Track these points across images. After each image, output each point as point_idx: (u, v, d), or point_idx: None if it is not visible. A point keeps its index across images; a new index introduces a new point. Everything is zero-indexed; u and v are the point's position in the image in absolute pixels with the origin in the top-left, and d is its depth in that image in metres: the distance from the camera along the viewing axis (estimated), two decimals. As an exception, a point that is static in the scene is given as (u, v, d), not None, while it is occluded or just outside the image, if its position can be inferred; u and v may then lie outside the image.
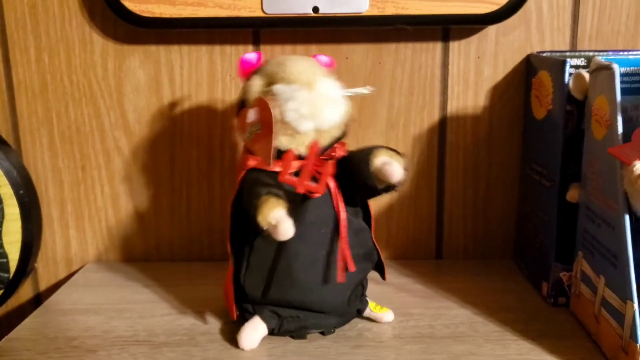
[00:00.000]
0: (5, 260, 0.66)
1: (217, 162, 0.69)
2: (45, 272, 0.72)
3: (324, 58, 0.55)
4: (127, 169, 0.69)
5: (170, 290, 0.62)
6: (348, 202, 0.51)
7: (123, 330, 0.54)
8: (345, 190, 0.51)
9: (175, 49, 0.66)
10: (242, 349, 0.50)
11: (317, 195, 0.49)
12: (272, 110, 0.47)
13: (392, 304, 0.58)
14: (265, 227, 0.46)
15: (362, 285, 0.54)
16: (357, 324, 0.54)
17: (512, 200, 0.69)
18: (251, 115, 0.49)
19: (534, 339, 0.51)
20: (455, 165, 0.68)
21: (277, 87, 0.49)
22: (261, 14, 0.61)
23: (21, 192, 0.65)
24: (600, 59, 0.50)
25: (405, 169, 0.48)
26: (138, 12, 0.61)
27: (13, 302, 0.72)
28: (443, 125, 0.68)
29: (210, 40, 0.66)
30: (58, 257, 0.71)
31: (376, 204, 0.69)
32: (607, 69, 0.48)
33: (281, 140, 0.49)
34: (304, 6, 0.61)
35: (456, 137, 0.68)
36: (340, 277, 0.49)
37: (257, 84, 0.50)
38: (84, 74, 0.67)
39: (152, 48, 0.66)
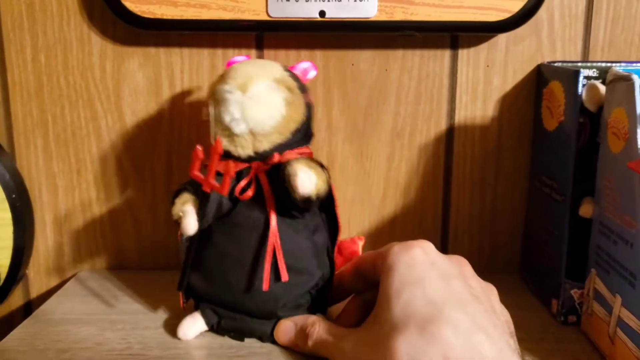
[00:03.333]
0: (-5, 266, 0.64)
1: (216, 168, 0.67)
2: (37, 279, 0.69)
3: (303, 64, 0.54)
4: (123, 174, 0.67)
5: (165, 300, 0.59)
6: (294, 215, 0.50)
7: (116, 343, 0.51)
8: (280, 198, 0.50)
9: (175, 52, 0.64)
10: (178, 338, 0.52)
11: (246, 196, 0.49)
12: (210, 109, 0.49)
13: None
14: (176, 220, 0.49)
15: (309, 296, 0.52)
16: (360, 340, 0.52)
17: (520, 214, 0.67)
18: (202, 113, 0.53)
19: (545, 358, 0.49)
20: (462, 176, 0.67)
21: (216, 88, 0.50)
22: (266, 17, 0.59)
23: (13, 196, 0.63)
24: (619, 69, 0.49)
25: (325, 182, 0.48)
26: (139, 13, 0.59)
27: (2, 310, 0.69)
28: (450, 135, 0.66)
29: (212, 44, 0.64)
30: (50, 264, 0.69)
31: (379, 215, 0.67)
32: (626, 80, 0.46)
33: (223, 141, 0.50)
34: (310, 10, 0.59)
35: (463, 148, 0.66)
36: (264, 284, 0.48)
37: (212, 84, 0.52)
38: (82, 75, 0.65)
39: (152, 50, 0.64)
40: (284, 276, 0.49)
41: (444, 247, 0.68)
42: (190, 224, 0.48)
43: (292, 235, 0.50)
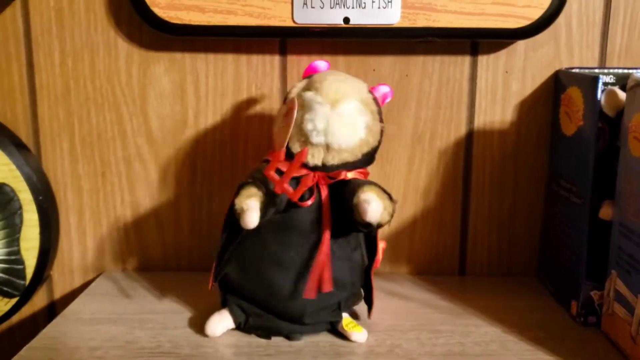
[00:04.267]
0: (22, 266, 0.65)
1: (239, 173, 0.68)
2: (61, 280, 0.70)
3: (383, 88, 0.56)
4: (147, 177, 0.68)
5: (192, 300, 0.61)
6: (343, 231, 0.52)
7: (146, 342, 0.52)
8: (341, 216, 0.51)
9: (201, 57, 0.66)
10: (206, 335, 0.53)
11: (303, 204, 0.50)
12: (294, 113, 0.50)
13: (418, 321, 0.57)
14: (236, 211, 0.48)
15: (337, 306, 0.54)
16: (385, 340, 0.53)
17: (538, 217, 0.68)
18: (281, 111, 0.53)
19: (566, 359, 0.50)
20: (481, 180, 0.68)
21: (306, 94, 0.51)
22: (291, 24, 0.60)
23: (40, 198, 0.64)
24: (639, 75, 0.50)
25: (389, 214, 0.49)
26: (167, 19, 0.61)
27: (27, 310, 0.70)
28: (469, 139, 0.67)
29: (236, 50, 0.65)
30: (74, 265, 0.70)
31: (399, 218, 0.68)
32: (648, 85, 0.47)
33: (294, 144, 0.51)
34: (335, 17, 0.60)
35: (482, 152, 0.67)
36: (308, 291, 0.50)
37: (298, 86, 0.53)
38: (108, 79, 0.66)
39: (178, 55, 0.66)
40: (328, 287, 0.50)
41: (462, 250, 0.69)
42: (253, 219, 0.48)
43: (337, 249, 0.51)
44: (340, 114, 0.50)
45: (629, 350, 0.50)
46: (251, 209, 0.48)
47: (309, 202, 0.50)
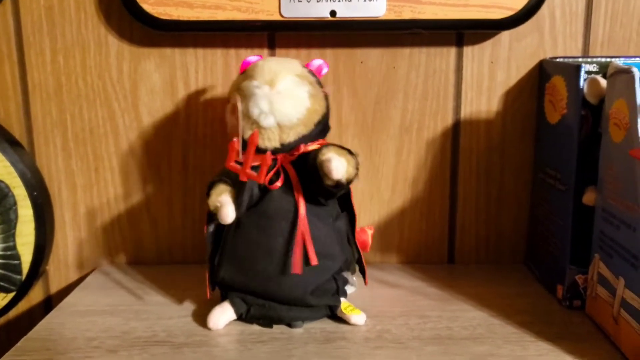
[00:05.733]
0: (18, 262, 0.66)
1: (231, 165, 0.69)
2: (57, 274, 0.71)
3: (316, 62, 0.57)
4: (140, 172, 0.69)
5: (186, 292, 0.62)
6: (319, 203, 0.53)
7: (142, 331, 0.53)
8: (313, 189, 0.53)
9: (190, 52, 0.66)
10: (209, 329, 0.54)
11: (273, 186, 0.52)
12: (238, 105, 0.51)
13: (407, 307, 0.58)
14: (212, 210, 0.51)
15: (335, 282, 0.55)
16: (375, 325, 0.54)
17: (524, 205, 0.69)
18: (227, 110, 0.54)
19: (552, 341, 0.51)
20: (468, 169, 0.69)
21: (243, 84, 0.52)
22: (279, 18, 0.61)
23: (35, 193, 0.65)
24: (619, 63, 0.51)
25: (354, 167, 0.51)
26: (156, 15, 0.62)
27: (23, 305, 0.71)
28: (456, 129, 0.68)
29: (225, 44, 0.66)
30: (69, 260, 0.71)
31: (388, 208, 0.70)
32: (626, 72, 0.49)
33: (248, 134, 0.52)
34: (321, 10, 0.61)
35: (469, 142, 0.68)
36: (295, 268, 0.51)
37: (235, 82, 0.55)
38: (99, 76, 0.67)
39: (168, 51, 0.66)
40: (314, 260, 0.51)
41: (451, 238, 0.71)
42: (229, 213, 0.51)
43: (317, 223, 0.53)
44: (280, 91, 0.51)
45: (611, 330, 0.51)
46: (225, 204, 0.51)
47: (278, 184, 0.52)
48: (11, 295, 0.66)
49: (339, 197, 0.54)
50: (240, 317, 0.55)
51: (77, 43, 0.66)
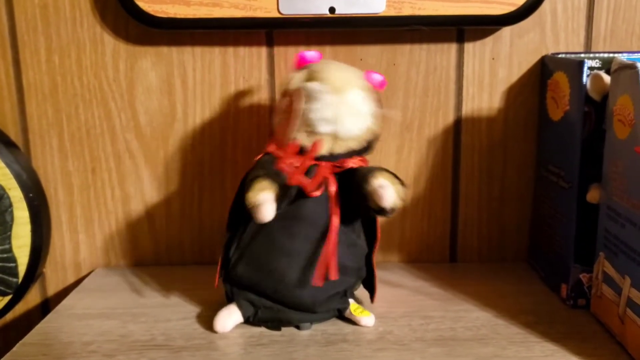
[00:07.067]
0: (14, 264, 0.65)
1: (229, 165, 0.68)
2: (54, 277, 0.70)
3: (377, 77, 0.56)
4: (137, 172, 0.68)
5: (184, 294, 0.61)
6: (348, 219, 0.52)
7: (140, 335, 0.53)
8: (346, 204, 0.51)
9: (187, 51, 0.66)
10: (216, 332, 0.52)
11: (313, 194, 0.50)
12: (299, 104, 0.49)
13: (409, 307, 0.57)
14: (250, 206, 0.48)
15: (344, 294, 0.55)
16: (377, 326, 0.54)
17: (527, 202, 0.69)
18: (283, 103, 0.52)
19: (557, 341, 0.51)
20: (470, 167, 0.68)
21: (309, 85, 0.51)
22: (277, 15, 0.60)
23: (31, 195, 0.64)
24: (623, 58, 0.50)
25: (402, 198, 0.49)
26: (152, 13, 0.61)
27: (20, 307, 0.70)
28: (458, 126, 0.67)
29: (223, 42, 0.65)
30: (67, 262, 0.70)
31: (390, 207, 0.69)
32: (630, 68, 0.48)
33: (300, 135, 0.51)
34: (320, 6, 0.60)
35: (471, 139, 0.67)
36: (316, 279, 0.50)
37: (298, 77, 0.53)
38: (95, 75, 0.66)
39: (164, 49, 0.66)
40: (334, 274, 0.50)
41: (453, 237, 0.70)
42: (269, 212, 0.48)
43: (341, 236, 0.51)
44: (348, 103, 0.51)
45: (616, 330, 0.50)
46: (266, 202, 0.47)
47: (318, 193, 0.50)
48: (8, 298, 0.65)
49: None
50: (248, 320, 0.54)
51: (73, 42, 0.65)
